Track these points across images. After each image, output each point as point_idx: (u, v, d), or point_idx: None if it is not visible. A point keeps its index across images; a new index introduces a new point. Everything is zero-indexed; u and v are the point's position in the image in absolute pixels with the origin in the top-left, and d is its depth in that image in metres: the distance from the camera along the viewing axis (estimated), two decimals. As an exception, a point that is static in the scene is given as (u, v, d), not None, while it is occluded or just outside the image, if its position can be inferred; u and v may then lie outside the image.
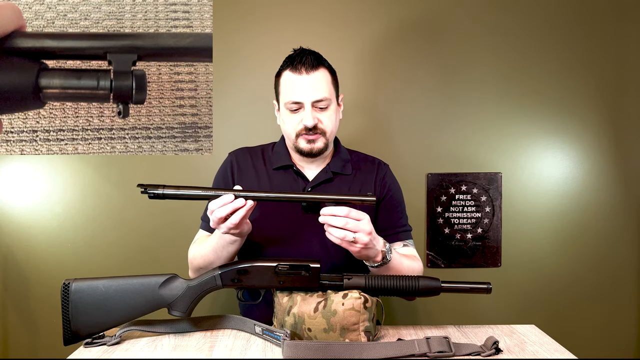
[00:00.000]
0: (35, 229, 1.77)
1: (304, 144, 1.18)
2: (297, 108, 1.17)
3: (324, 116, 1.18)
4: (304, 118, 1.16)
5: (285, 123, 1.21)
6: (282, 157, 1.27)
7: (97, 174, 1.78)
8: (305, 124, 1.15)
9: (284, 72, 1.20)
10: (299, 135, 1.18)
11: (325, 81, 1.18)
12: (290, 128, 1.19)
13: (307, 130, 1.16)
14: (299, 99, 1.15)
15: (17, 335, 1.78)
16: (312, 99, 1.15)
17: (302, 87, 1.15)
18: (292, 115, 1.18)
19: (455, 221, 1.85)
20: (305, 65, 1.15)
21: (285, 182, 1.24)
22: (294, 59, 1.18)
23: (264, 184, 1.24)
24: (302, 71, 1.15)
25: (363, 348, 0.86)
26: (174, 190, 0.96)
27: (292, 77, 1.17)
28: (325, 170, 1.25)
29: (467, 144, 1.85)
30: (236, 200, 0.95)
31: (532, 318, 1.82)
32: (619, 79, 1.86)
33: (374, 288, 0.96)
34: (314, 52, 1.21)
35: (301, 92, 1.15)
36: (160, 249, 1.80)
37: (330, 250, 1.19)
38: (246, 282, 0.96)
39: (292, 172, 1.26)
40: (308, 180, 1.25)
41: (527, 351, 0.92)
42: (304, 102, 1.15)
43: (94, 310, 0.94)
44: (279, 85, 1.21)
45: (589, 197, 1.87)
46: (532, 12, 1.84)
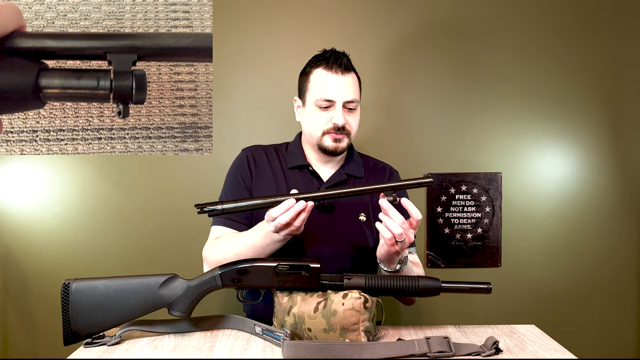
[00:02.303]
0: (35, 229, 1.77)
1: (329, 142, 1.19)
2: (328, 106, 1.18)
3: (351, 118, 1.20)
4: (334, 116, 1.17)
5: (311, 120, 1.21)
6: (297, 157, 1.27)
7: (97, 174, 1.78)
8: (335, 123, 1.17)
9: (315, 69, 1.20)
10: (326, 133, 1.19)
11: (355, 84, 1.21)
12: (317, 125, 1.19)
13: (335, 130, 1.17)
14: (332, 97, 1.16)
15: (17, 335, 1.78)
16: (345, 98, 1.17)
17: (336, 86, 1.17)
18: (320, 113, 1.19)
19: (455, 221, 1.85)
20: (341, 66, 1.17)
21: (301, 182, 1.24)
22: (329, 58, 1.19)
23: (280, 182, 1.24)
24: (337, 71, 1.17)
25: (363, 348, 0.86)
26: (233, 204, 0.96)
27: (326, 75, 1.18)
28: (340, 172, 1.26)
29: (467, 144, 1.85)
30: (298, 204, 0.96)
31: (532, 318, 1.82)
32: (619, 79, 1.86)
33: (374, 288, 0.96)
34: (346, 54, 1.22)
35: (335, 90, 1.16)
36: (160, 249, 1.80)
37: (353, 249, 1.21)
38: (246, 282, 0.96)
39: (308, 172, 1.26)
40: (322, 180, 1.25)
41: (527, 351, 0.92)
42: (337, 101, 1.17)
43: (94, 310, 0.94)
44: (308, 82, 1.21)
45: (589, 197, 1.88)
46: (532, 12, 1.84)
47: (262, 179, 1.25)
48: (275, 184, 1.24)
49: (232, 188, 1.26)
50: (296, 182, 1.24)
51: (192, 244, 1.80)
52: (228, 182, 1.28)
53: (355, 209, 1.24)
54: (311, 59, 1.24)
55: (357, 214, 1.23)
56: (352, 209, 1.23)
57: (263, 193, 1.21)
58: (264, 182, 1.24)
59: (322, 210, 1.22)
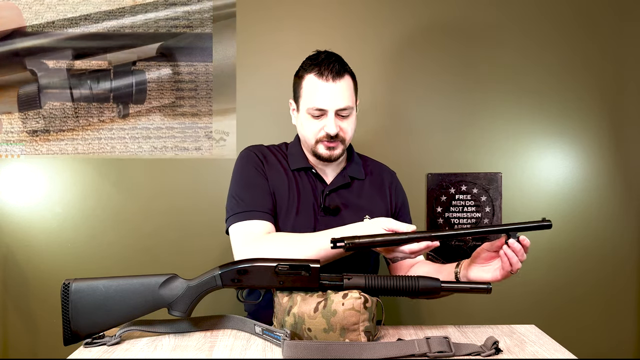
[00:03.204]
0: (36, 229, 1.77)
1: (323, 150, 1.19)
2: (320, 114, 1.16)
3: (345, 124, 1.18)
4: (326, 125, 1.16)
5: (304, 127, 1.20)
6: (299, 159, 1.26)
7: (97, 174, 1.78)
8: (328, 132, 1.15)
9: (307, 75, 1.18)
10: (320, 142, 1.18)
11: (349, 89, 1.18)
12: (310, 133, 1.18)
13: (328, 138, 1.16)
14: (323, 106, 1.15)
15: (17, 335, 1.78)
16: (337, 107, 1.15)
17: (328, 95, 1.15)
18: (313, 121, 1.17)
19: (455, 221, 1.85)
20: (332, 72, 1.15)
21: (307, 184, 1.24)
22: (320, 63, 1.16)
23: (291, 183, 1.23)
24: (329, 78, 1.15)
25: (363, 348, 0.86)
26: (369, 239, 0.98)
27: (317, 82, 1.15)
28: (343, 175, 1.26)
29: (467, 144, 1.85)
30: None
31: (532, 318, 1.82)
32: (619, 79, 1.86)
33: (373, 288, 0.96)
34: (338, 57, 1.19)
35: (326, 99, 1.15)
36: (160, 249, 1.80)
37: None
38: (246, 282, 0.96)
39: (312, 174, 1.25)
40: (326, 183, 1.25)
41: (527, 351, 0.92)
42: (328, 110, 1.15)
43: (94, 310, 0.94)
44: (301, 87, 1.19)
45: (589, 197, 1.87)
46: (532, 12, 1.84)
47: (274, 174, 1.22)
48: (287, 184, 1.22)
49: (252, 179, 1.19)
50: (302, 185, 1.24)
51: (192, 244, 1.80)
52: (243, 175, 1.21)
53: (359, 211, 1.23)
54: (304, 61, 1.21)
55: (361, 216, 1.22)
56: (356, 211, 1.23)
57: (277, 188, 1.20)
58: (277, 179, 1.22)
59: (328, 212, 1.21)
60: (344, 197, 1.24)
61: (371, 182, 1.30)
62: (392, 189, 1.32)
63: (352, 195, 1.25)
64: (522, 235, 0.99)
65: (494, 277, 1.05)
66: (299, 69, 1.23)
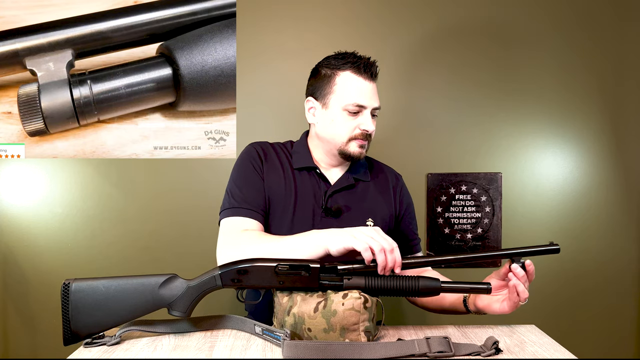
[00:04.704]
0: (36, 229, 1.77)
1: (355, 148, 1.18)
2: (357, 111, 1.16)
3: (374, 125, 1.20)
4: (364, 123, 1.16)
5: (337, 124, 1.17)
6: (303, 158, 1.24)
7: (97, 174, 1.78)
8: (366, 129, 1.16)
9: (342, 72, 1.16)
10: (353, 139, 1.17)
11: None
12: (344, 130, 1.17)
13: (364, 136, 1.17)
14: (364, 102, 1.15)
15: (17, 335, 1.78)
16: (374, 105, 1.17)
17: (368, 92, 1.16)
18: (348, 118, 1.16)
19: (455, 221, 1.85)
20: (372, 72, 1.17)
21: (309, 184, 1.21)
22: (358, 61, 1.16)
23: (289, 182, 1.21)
24: (368, 76, 1.16)
25: (363, 348, 0.86)
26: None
27: (357, 79, 1.16)
28: (347, 176, 1.24)
29: (467, 144, 1.85)
30: None
31: (532, 318, 1.82)
32: (619, 79, 1.86)
33: (374, 288, 0.95)
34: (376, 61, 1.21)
35: (367, 96, 1.15)
36: (160, 249, 1.80)
37: None
38: (246, 282, 0.96)
39: (315, 174, 1.23)
40: (330, 183, 1.23)
41: (527, 351, 0.92)
42: (368, 107, 1.16)
43: (94, 310, 0.94)
44: (334, 84, 1.17)
45: (589, 197, 1.87)
46: (533, 12, 1.84)
47: (272, 173, 1.21)
48: (284, 183, 1.20)
49: (247, 176, 1.18)
50: (303, 185, 1.21)
51: (192, 244, 1.80)
52: (240, 172, 1.20)
53: (362, 214, 1.22)
54: (331, 59, 1.19)
55: (364, 219, 1.21)
56: (359, 214, 1.21)
57: (273, 188, 1.19)
58: (274, 178, 1.20)
59: (329, 213, 1.20)
60: (347, 198, 1.22)
61: (376, 185, 1.28)
62: (397, 192, 1.31)
63: (355, 197, 1.23)
64: (528, 259, 0.99)
65: (501, 308, 1.07)
66: (324, 66, 1.20)
